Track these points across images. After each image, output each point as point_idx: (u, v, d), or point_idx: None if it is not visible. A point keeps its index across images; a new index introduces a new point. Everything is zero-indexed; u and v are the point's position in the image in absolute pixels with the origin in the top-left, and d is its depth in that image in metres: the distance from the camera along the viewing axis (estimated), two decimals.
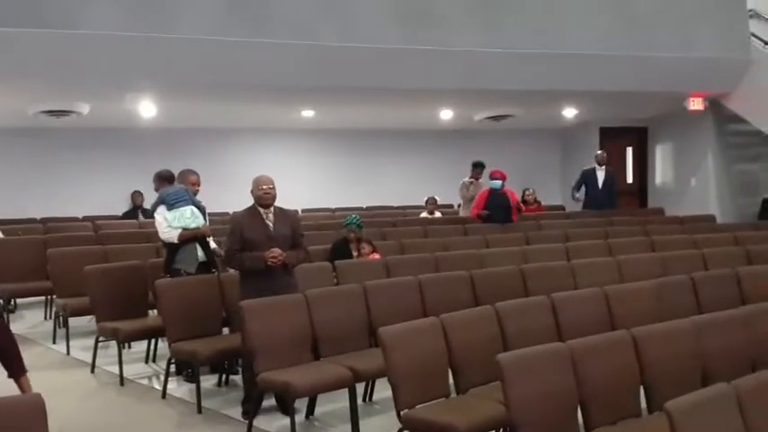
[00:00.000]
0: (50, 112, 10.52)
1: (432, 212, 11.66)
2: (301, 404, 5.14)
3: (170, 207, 6.21)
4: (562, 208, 13.51)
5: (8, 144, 11.96)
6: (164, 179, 6.73)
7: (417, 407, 4.14)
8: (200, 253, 6.27)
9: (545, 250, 8.17)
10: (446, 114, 12.77)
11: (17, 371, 3.25)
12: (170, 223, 6.17)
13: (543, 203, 12.81)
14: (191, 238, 6.21)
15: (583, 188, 11.60)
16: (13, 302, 8.52)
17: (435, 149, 14.37)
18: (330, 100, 11.18)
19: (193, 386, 5.65)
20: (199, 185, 6.60)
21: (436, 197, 11.89)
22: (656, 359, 4.13)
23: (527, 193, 12.39)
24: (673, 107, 12.09)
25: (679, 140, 13.40)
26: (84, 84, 9.21)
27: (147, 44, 8.25)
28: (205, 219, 6.39)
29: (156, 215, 6.34)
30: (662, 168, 14.09)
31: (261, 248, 5.18)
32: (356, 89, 9.97)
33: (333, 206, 13.14)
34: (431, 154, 14.39)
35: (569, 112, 13.21)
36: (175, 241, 6.20)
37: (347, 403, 4.90)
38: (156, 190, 6.69)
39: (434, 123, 13.46)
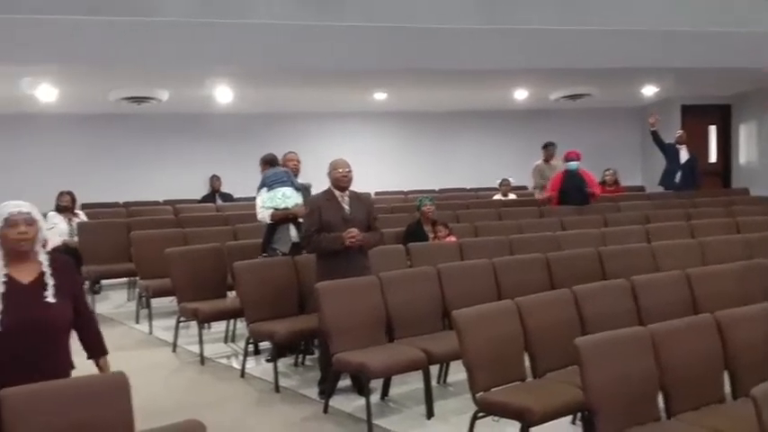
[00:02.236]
0: (131, 99, 10.82)
1: (506, 194, 11.52)
2: (376, 385, 5.18)
3: (269, 188, 6.37)
4: (642, 189, 13.16)
5: (93, 130, 12.37)
6: (267, 162, 6.90)
7: (492, 390, 4.11)
8: (293, 234, 6.37)
9: (624, 232, 7.98)
10: (521, 94, 12.57)
11: (98, 352, 3.35)
12: (265, 204, 6.33)
13: (622, 184, 12.50)
14: (282, 218, 6.33)
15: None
16: (98, 284, 8.83)
17: (509, 130, 14.19)
18: (403, 82, 11.15)
19: (271, 366, 5.76)
20: (296, 162, 6.72)
21: (510, 179, 11.74)
22: (740, 343, 3.99)
23: (607, 173, 12.10)
24: (758, 84, 11.61)
25: (765, 118, 12.86)
26: (164, 71, 9.43)
27: (224, 30, 8.40)
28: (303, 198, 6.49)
29: (257, 197, 6.53)
30: (746, 147, 13.56)
31: (337, 231, 5.22)
32: (429, 71, 9.90)
33: (405, 189, 13.14)
34: (504, 135, 14.21)
35: (649, 90, 12.83)
36: (268, 221, 6.34)
37: (421, 385, 4.92)
38: (262, 173, 6.85)
39: (508, 104, 13.28)
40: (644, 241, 7.47)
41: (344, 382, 5.37)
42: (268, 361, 6.06)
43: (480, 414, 4.06)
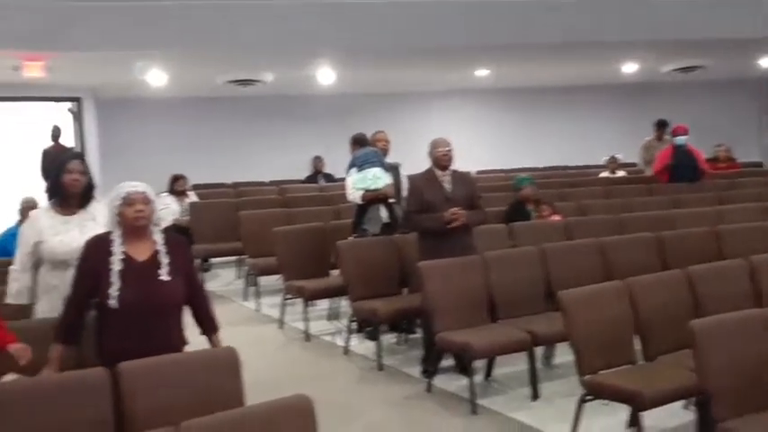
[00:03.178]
0: (238, 82, 11.08)
1: (613, 172, 11.18)
2: (479, 365, 5.13)
3: (359, 169, 6.38)
4: (760, 165, 12.49)
5: (201, 113, 12.77)
6: (357, 142, 6.90)
7: (601, 372, 4.00)
8: (383, 214, 6.38)
9: (741, 210, 7.59)
10: (630, 68, 12.13)
11: (210, 328, 3.45)
12: (355, 184, 6.35)
13: (738, 161, 11.89)
14: (373, 199, 6.34)
15: None
16: (207, 262, 9.12)
17: (615, 105, 13.75)
18: (507, 58, 10.95)
19: (374, 344, 5.81)
20: (385, 142, 6.70)
21: (618, 155, 11.36)
22: None
23: (719, 149, 11.52)
24: None
25: None
26: (269, 53, 9.59)
27: (328, 11, 8.46)
28: (399, 179, 6.48)
29: (347, 177, 6.55)
30: None
31: (438, 210, 5.17)
32: (534, 45, 9.68)
33: (507, 167, 12.95)
34: (611, 110, 13.79)
35: (766, 62, 12.12)
36: (359, 202, 6.36)
37: (526, 366, 4.85)
38: (352, 153, 6.88)
39: (616, 77, 12.85)
40: (763, 220, 7.07)
41: (447, 361, 5.35)
42: (369, 339, 6.11)
43: (588, 397, 3.96)
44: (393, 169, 6.50)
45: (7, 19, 7.69)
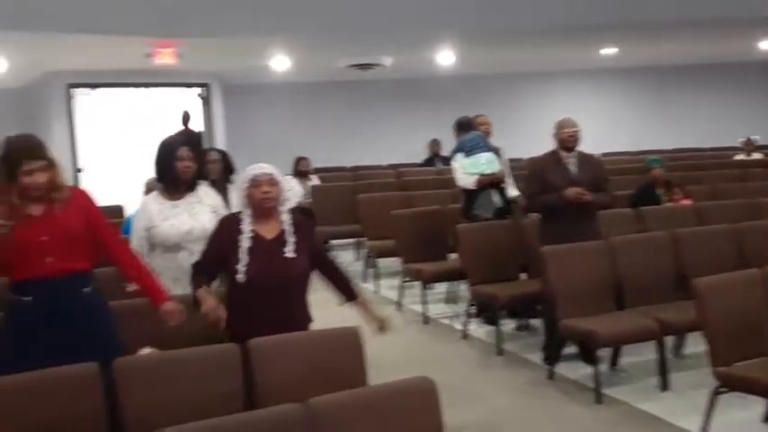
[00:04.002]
0: (358, 66, 11.17)
1: (749, 154, 10.56)
2: (604, 354, 4.97)
3: (467, 154, 6.29)
4: None
5: (322, 97, 12.98)
6: (462, 127, 6.82)
7: (736, 364, 3.79)
8: (495, 199, 6.29)
9: None
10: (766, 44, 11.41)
11: (351, 294, 3.51)
12: (466, 170, 6.26)
13: None
14: (486, 184, 6.25)
15: None
16: (327, 243, 9.28)
17: (752, 84, 12.97)
18: (636, 36, 10.51)
19: (492, 329, 5.74)
20: (487, 125, 6.59)
21: (754, 137, 10.72)
22: None
23: None
24: None
25: None
26: (390, 36, 9.60)
27: None
28: (501, 163, 6.37)
29: (453, 162, 6.47)
30: None
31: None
32: (664, 21, 9.25)
33: (634, 149, 12.48)
34: (746, 89, 13.02)
35: None
36: (472, 187, 6.28)
37: (654, 356, 4.67)
38: (457, 138, 6.81)
39: (752, 55, 12.10)
40: None
41: (570, 349, 5.22)
42: (488, 323, 6.05)
43: (721, 389, 3.76)
44: (496, 153, 6.38)
45: (140, 7, 8.05)
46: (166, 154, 3.95)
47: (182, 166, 3.89)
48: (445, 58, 11.19)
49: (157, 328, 3.46)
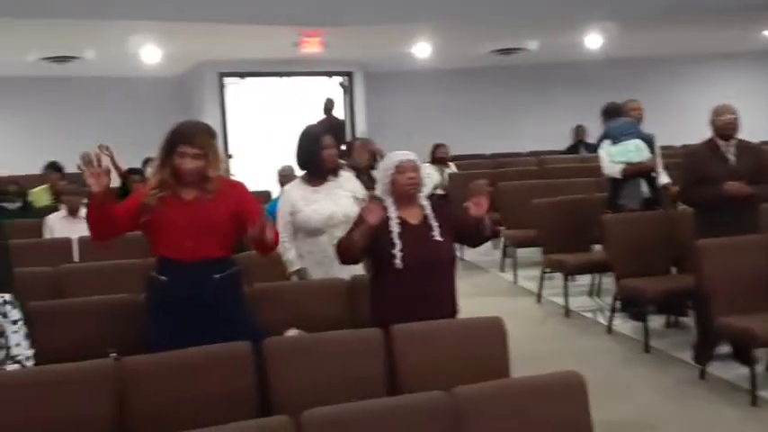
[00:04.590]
0: (501, 51, 11.01)
1: None
2: (762, 355, 4.66)
3: (614, 141, 6.06)
4: None
5: (462, 84, 12.86)
6: (609, 113, 6.57)
7: None
8: (644, 189, 6.01)
9: None
10: None
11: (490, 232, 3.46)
12: (612, 158, 6.03)
13: None
14: (634, 172, 5.98)
15: None
16: None
17: None
18: None
19: (639, 324, 5.52)
20: (639, 111, 6.29)
21: None
22: None
23: None
24: None
25: None
26: (533, 19, 9.39)
27: None
28: (653, 151, 6.08)
29: (599, 150, 6.25)
30: None
31: (720, 184, 4.74)
32: None
33: None
34: None
35: None
36: (618, 176, 6.03)
37: None
38: (604, 124, 6.57)
39: None
40: None
41: (723, 348, 4.92)
42: (634, 319, 5.81)
43: None
44: (648, 140, 6.08)
45: None
46: (310, 142, 4.03)
47: (326, 154, 3.98)
48: (593, 41, 10.81)
49: (301, 310, 3.57)
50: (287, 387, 2.87)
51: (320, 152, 3.98)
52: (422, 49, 10.90)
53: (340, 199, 3.97)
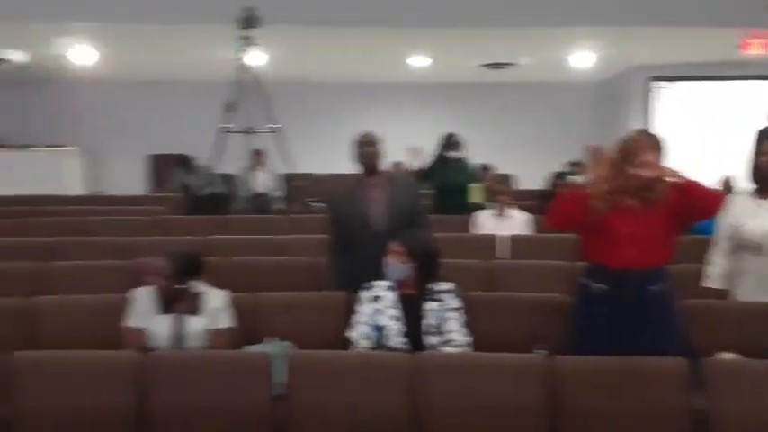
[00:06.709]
0: None
1: None
2: None
3: None
4: None
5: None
6: None
7: None
8: None
9: None
10: None
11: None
12: None
13: None
14: None
15: None
16: None
17: None
18: None
19: None
20: None
21: None
22: None
23: None
24: None
25: None
26: None
27: None
28: None
29: None
30: None
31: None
32: None
33: None
34: None
35: None
36: None
37: None
38: None
39: None
40: None
41: None
42: None
43: None
44: None
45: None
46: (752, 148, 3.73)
47: (763, 160, 3.61)
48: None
49: (737, 332, 3.30)
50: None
51: (757, 158, 3.64)
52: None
53: None
